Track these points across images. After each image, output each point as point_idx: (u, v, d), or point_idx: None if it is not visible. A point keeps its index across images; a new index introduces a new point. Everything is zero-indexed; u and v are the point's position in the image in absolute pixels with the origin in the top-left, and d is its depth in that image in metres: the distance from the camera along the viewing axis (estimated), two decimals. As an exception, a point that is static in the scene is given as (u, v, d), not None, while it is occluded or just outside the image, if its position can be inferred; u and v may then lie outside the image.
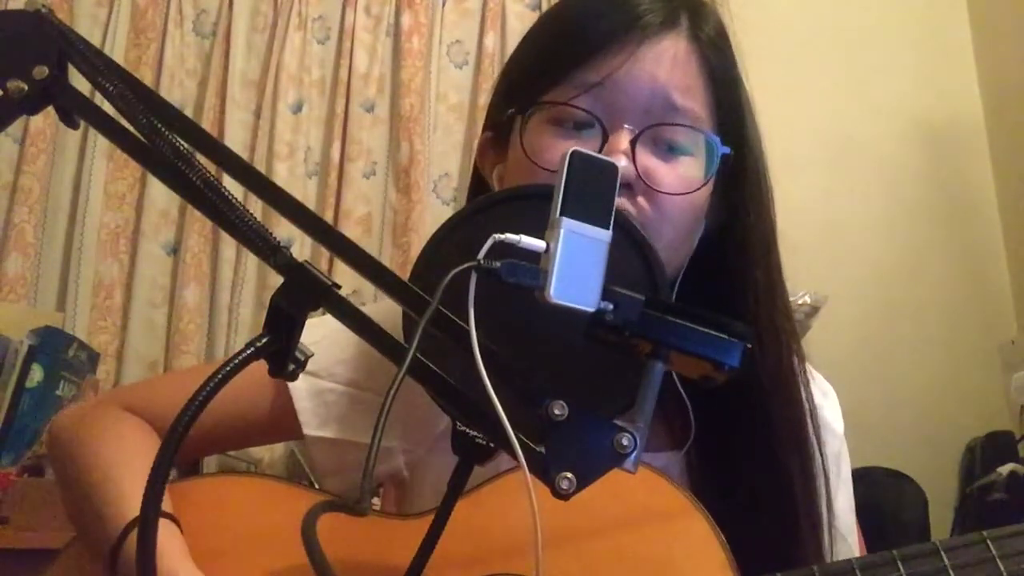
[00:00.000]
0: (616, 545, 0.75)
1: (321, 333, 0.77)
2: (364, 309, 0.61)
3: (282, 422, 0.88)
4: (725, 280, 0.86)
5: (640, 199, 0.80)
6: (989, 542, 0.69)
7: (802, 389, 0.88)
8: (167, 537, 0.75)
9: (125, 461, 0.81)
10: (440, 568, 0.64)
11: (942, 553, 0.69)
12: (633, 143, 0.80)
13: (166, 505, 0.79)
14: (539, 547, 0.55)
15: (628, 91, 0.81)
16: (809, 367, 0.93)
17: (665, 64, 0.82)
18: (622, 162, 0.77)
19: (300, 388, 0.86)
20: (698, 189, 0.82)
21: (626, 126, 0.80)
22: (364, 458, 0.51)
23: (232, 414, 0.86)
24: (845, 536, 0.89)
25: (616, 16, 0.83)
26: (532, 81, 0.85)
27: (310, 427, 0.87)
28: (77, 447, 0.84)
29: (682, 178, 0.81)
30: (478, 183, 0.95)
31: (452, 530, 0.64)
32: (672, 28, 0.83)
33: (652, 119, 0.81)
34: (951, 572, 0.68)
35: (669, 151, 0.82)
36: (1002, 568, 0.67)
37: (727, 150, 0.84)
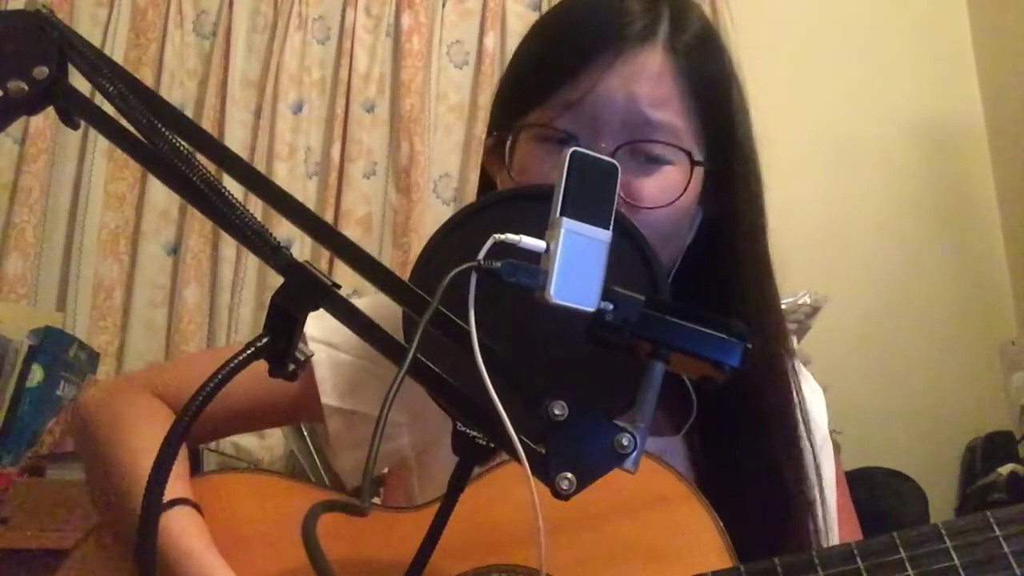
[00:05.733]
0: (611, 531, 0.75)
1: None
2: (361, 299, 0.61)
3: (304, 395, 0.89)
4: (715, 275, 0.88)
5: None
6: (993, 523, 0.68)
7: (790, 382, 0.90)
8: (193, 525, 0.77)
9: (148, 449, 0.82)
10: (435, 561, 0.64)
11: (944, 535, 0.68)
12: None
13: (188, 494, 0.80)
14: (543, 547, 0.55)
15: (604, 107, 0.83)
16: (800, 367, 0.95)
17: (638, 79, 0.83)
18: None
19: (320, 360, 0.89)
20: (677, 199, 0.83)
21: (603, 144, 0.82)
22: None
23: (259, 393, 0.87)
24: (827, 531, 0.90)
25: (595, 33, 0.85)
26: (518, 101, 0.88)
27: (328, 397, 0.89)
28: (101, 429, 0.86)
29: (662, 188, 0.83)
30: (486, 183, 0.97)
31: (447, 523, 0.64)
32: (648, 41, 0.85)
33: (629, 135, 0.83)
34: (952, 553, 0.68)
35: (650, 162, 0.84)
36: (1005, 547, 0.67)
37: (701, 160, 0.85)
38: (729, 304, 0.87)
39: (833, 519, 0.91)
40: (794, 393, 0.90)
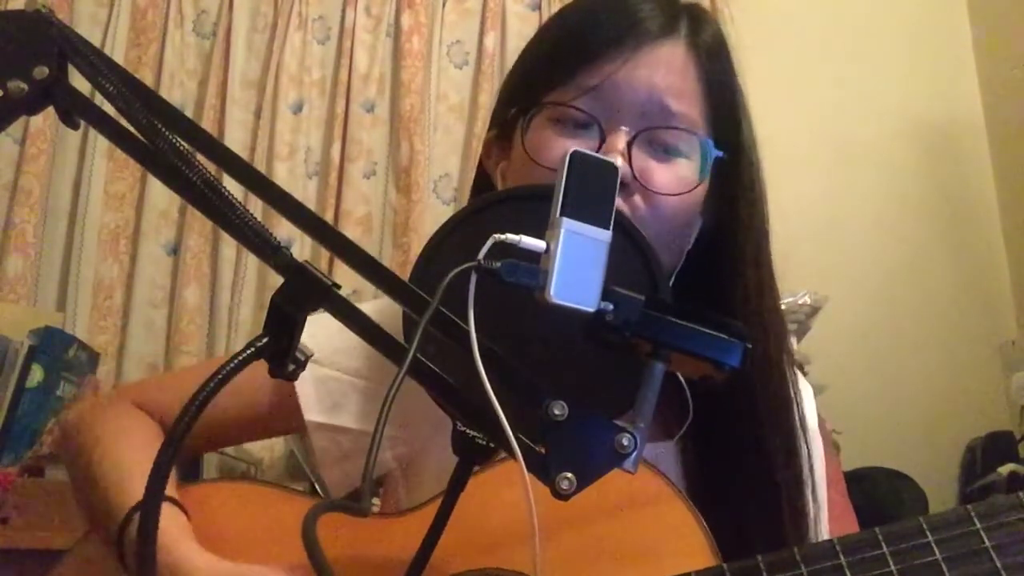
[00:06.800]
0: (597, 532, 0.75)
1: (326, 321, 0.78)
2: (362, 306, 0.61)
3: (285, 410, 0.89)
4: (717, 277, 0.89)
5: (635, 198, 0.83)
6: (974, 516, 0.68)
7: (789, 385, 0.90)
8: (169, 516, 0.77)
9: (131, 455, 0.82)
10: (428, 563, 0.64)
11: (926, 530, 0.68)
12: (629, 144, 0.82)
13: (173, 493, 0.80)
14: (537, 547, 0.55)
15: (625, 94, 0.83)
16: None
17: (662, 69, 0.84)
18: (618, 161, 0.79)
19: (303, 375, 0.87)
20: (691, 190, 0.85)
21: (623, 128, 0.83)
22: (362, 447, 0.52)
23: (237, 405, 0.87)
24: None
25: (618, 22, 0.86)
26: (536, 82, 0.88)
27: (312, 413, 0.88)
28: (86, 436, 0.87)
29: (677, 178, 0.84)
30: (482, 180, 0.96)
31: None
32: (671, 34, 0.86)
33: (648, 122, 0.83)
34: (934, 547, 0.68)
35: (665, 152, 0.85)
36: (986, 541, 0.67)
37: (720, 153, 0.86)
38: (731, 308, 0.87)
39: (824, 520, 0.91)
40: (793, 399, 0.90)
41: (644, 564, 0.74)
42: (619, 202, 0.78)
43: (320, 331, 0.58)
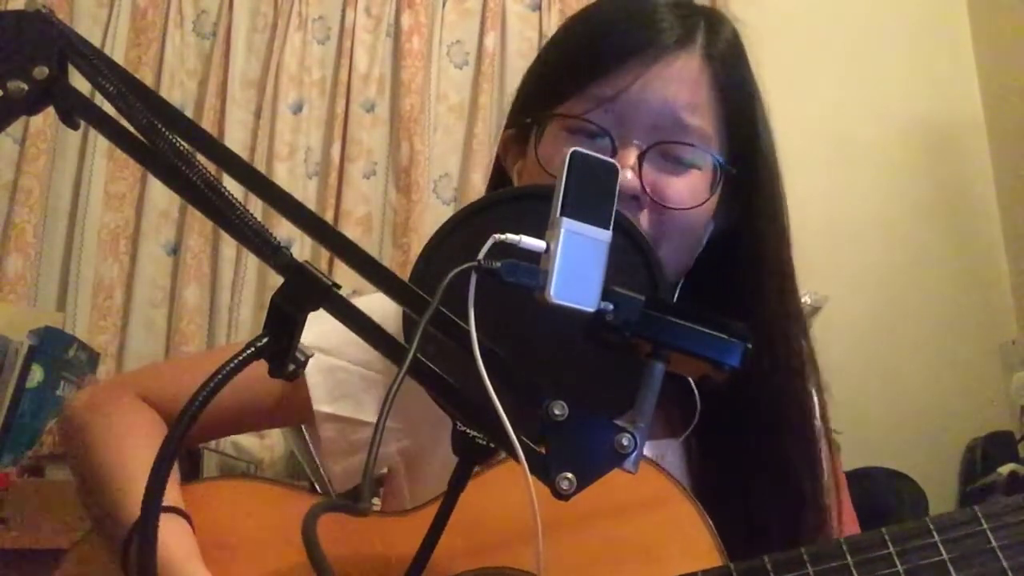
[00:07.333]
0: (603, 532, 0.75)
1: None
2: (362, 298, 0.61)
3: (293, 400, 0.88)
4: (735, 283, 0.89)
5: (646, 212, 0.83)
6: (980, 517, 0.69)
7: (810, 393, 0.89)
8: (176, 534, 0.76)
9: (135, 456, 0.82)
10: (431, 562, 0.64)
11: (932, 530, 0.69)
12: (640, 158, 0.82)
13: (179, 502, 0.80)
14: (540, 547, 0.55)
15: (639, 107, 0.83)
16: None
17: (676, 83, 0.84)
18: (628, 175, 0.80)
19: (312, 365, 0.87)
20: (702, 204, 0.85)
21: (635, 142, 0.83)
22: (368, 439, 0.52)
23: (245, 394, 0.86)
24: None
25: (634, 33, 0.85)
26: (550, 91, 0.88)
27: (320, 403, 0.88)
28: (90, 436, 0.86)
29: (688, 191, 0.84)
30: (497, 177, 0.97)
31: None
32: (686, 46, 0.86)
33: (660, 136, 0.83)
34: (941, 547, 0.68)
35: (678, 164, 0.84)
36: (993, 541, 0.67)
37: (730, 168, 0.86)
38: (752, 315, 0.85)
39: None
40: (814, 402, 0.89)
41: (649, 563, 0.74)
42: (630, 216, 0.79)
43: (330, 321, 0.58)
